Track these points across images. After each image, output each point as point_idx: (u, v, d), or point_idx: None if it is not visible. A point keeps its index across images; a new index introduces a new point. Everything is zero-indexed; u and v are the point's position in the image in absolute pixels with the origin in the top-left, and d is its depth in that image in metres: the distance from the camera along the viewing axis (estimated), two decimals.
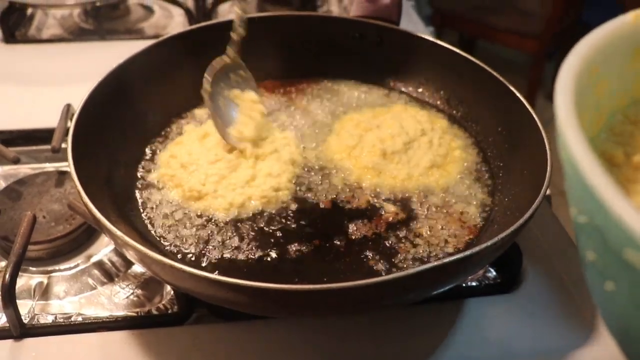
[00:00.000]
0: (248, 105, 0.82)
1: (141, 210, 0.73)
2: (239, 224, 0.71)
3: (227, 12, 1.37)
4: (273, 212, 0.73)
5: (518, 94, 0.78)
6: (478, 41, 3.61)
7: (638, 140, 0.41)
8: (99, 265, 0.77)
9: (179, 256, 0.67)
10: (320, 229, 0.71)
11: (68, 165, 0.64)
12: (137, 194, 0.75)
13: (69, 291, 0.74)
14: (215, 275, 0.53)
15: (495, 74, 0.82)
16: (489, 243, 0.56)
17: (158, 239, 0.69)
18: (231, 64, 0.82)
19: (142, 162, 0.79)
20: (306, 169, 0.79)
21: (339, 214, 0.73)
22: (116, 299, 0.73)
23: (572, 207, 0.30)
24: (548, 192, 0.91)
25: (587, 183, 0.28)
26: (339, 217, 0.73)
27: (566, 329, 0.70)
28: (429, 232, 0.71)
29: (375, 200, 0.75)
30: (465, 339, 0.69)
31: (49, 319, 0.69)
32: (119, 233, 0.57)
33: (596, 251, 0.30)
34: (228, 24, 0.91)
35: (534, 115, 0.74)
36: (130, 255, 0.59)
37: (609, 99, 0.41)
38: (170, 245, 0.69)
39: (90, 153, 0.70)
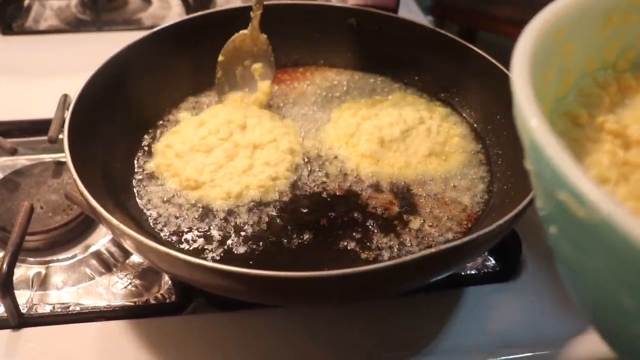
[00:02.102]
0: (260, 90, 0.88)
1: (138, 200, 0.72)
2: (236, 213, 0.71)
3: (225, 2, 1.37)
4: (271, 200, 0.72)
5: None
6: (479, 32, 3.58)
7: (604, 104, 0.42)
8: (97, 255, 0.77)
9: (177, 245, 0.67)
10: (317, 218, 0.71)
11: (65, 156, 0.64)
12: (134, 184, 0.74)
13: (67, 281, 0.74)
14: (210, 263, 0.52)
15: (493, 60, 0.82)
16: (485, 230, 0.55)
17: (155, 228, 0.69)
18: (253, 36, 0.87)
19: (139, 152, 0.79)
20: (304, 158, 0.79)
21: (337, 202, 0.73)
22: (114, 289, 0.73)
23: (526, 158, 0.33)
24: None
25: (528, 128, 0.30)
26: (336, 206, 0.72)
27: (565, 317, 0.70)
28: (427, 220, 0.71)
29: (374, 189, 0.75)
30: (464, 327, 0.68)
31: (47, 309, 0.70)
32: (115, 222, 0.56)
33: (541, 197, 0.33)
34: (224, 13, 0.91)
35: None
36: (127, 244, 0.59)
37: (577, 62, 0.42)
38: (168, 234, 0.68)
39: (86, 143, 0.70)
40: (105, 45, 0.82)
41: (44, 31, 1.28)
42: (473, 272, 0.75)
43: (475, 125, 0.85)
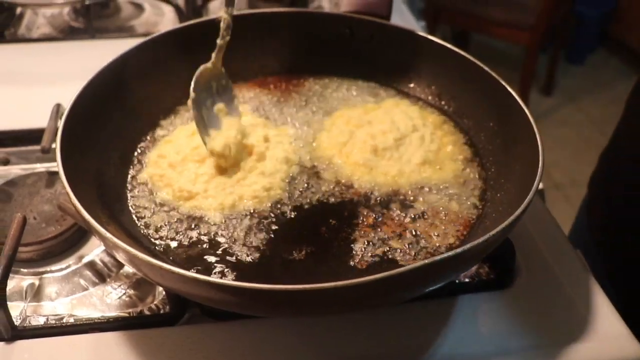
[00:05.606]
0: (231, 126, 0.79)
1: (131, 211, 0.72)
2: (230, 224, 0.70)
3: (218, 9, 1.36)
4: (265, 211, 0.72)
5: (509, 89, 0.77)
6: (472, 35, 3.60)
7: None
8: (91, 265, 0.77)
9: (170, 257, 0.67)
10: (312, 228, 0.71)
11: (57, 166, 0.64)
12: (128, 194, 0.74)
13: (61, 292, 0.74)
14: (202, 276, 0.52)
15: (486, 68, 0.82)
16: (479, 241, 0.55)
17: (148, 239, 0.69)
18: (214, 72, 0.80)
19: (132, 162, 0.79)
20: (298, 167, 0.79)
21: (332, 212, 0.73)
22: (108, 300, 0.73)
23: None
24: (541, 186, 0.91)
25: None
26: (330, 215, 0.72)
27: (560, 325, 0.70)
28: (420, 229, 0.71)
29: (367, 197, 0.75)
30: (459, 336, 0.68)
31: (41, 321, 0.69)
32: (108, 235, 0.56)
33: None
34: (218, 22, 0.91)
35: (526, 110, 0.74)
36: (119, 256, 0.59)
37: None
38: (160, 246, 0.68)
39: (79, 153, 0.69)
40: (98, 53, 0.82)
41: (37, 39, 1.28)
42: (467, 280, 0.75)
43: (468, 132, 0.85)
